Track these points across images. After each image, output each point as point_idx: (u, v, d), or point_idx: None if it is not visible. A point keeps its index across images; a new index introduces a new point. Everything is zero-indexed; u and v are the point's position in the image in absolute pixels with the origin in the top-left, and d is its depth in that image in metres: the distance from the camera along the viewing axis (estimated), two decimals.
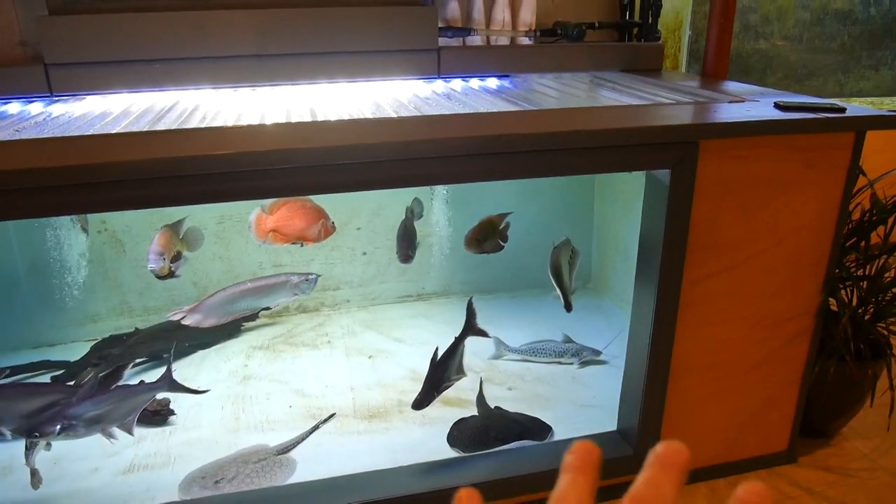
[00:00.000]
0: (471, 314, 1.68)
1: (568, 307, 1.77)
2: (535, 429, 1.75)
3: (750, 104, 1.55)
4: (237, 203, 2.17)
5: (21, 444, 1.57)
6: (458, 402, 1.86)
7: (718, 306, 1.53)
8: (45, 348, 2.23)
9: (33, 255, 2.16)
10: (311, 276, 1.72)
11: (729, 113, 1.46)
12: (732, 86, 1.84)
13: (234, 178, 1.23)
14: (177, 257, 1.64)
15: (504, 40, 2.17)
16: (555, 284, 1.76)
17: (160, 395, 1.68)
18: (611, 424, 1.71)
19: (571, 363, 2.06)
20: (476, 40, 2.18)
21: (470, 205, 2.29)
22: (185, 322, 1.60)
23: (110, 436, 1.50)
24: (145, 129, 1.44)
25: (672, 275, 1.46)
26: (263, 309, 2.00)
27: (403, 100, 1.77)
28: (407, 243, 1.82)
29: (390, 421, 1.81)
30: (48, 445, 1.52)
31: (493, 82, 2.07)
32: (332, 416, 1.83)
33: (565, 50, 2.14)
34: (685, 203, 1.41)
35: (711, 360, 1.58)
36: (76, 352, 2.15)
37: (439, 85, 2.01)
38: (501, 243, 1.83)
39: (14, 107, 1.77)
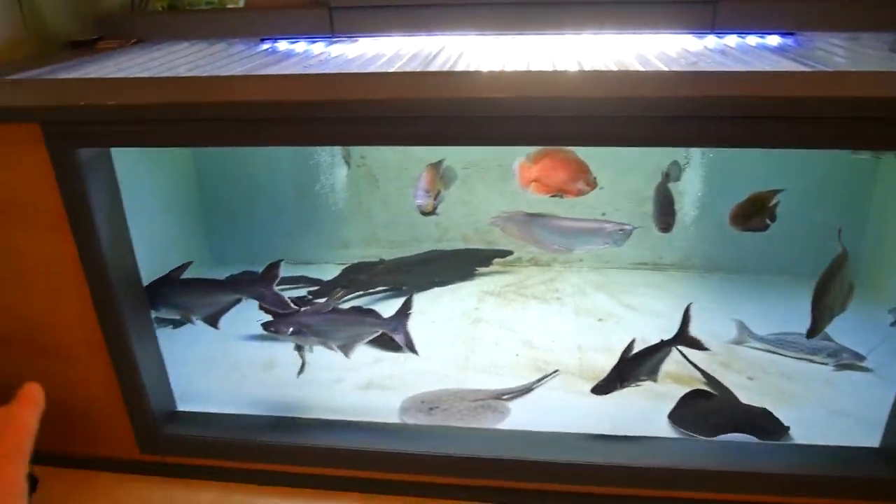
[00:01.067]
0: (685, 321, 1.57)
1: (811, 333, 1.55)
2: (769, 426, 1.59)
3: None
4: (485, 150, 2.22)
5: (282, 344, 1.79)
6: (689, 381, 1.76)
7: None
8: (302, 265, 2.49)
9: (301, 180, 2.39)
10: (626, 227, 1.64)
11: None
12: None
13: (491, 122, 1.23)
14: (437, 196, 1.72)
15: None
16: (811, 307, 1.54)
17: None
18: (869, 440, 1.50)
19: (826, 363, 1.84)
20: None
21: (727, 174, 2.11)
22: (497, 223, 1.62)
23: (330, 349, 1.61)
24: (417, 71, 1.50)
25: None
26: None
27: (672, 54, 1.65)
28: (666, 210, 1.70)
29: None
30: (311, 348, 1.68)
31: (773, 40, 1.85)
32: (555, 372, 1.83)
33: (865, 4, 1.84)
34: None
35: None
36: (327, 272, 2.38)
37: (711, 41, 1.85)
38: (768, 222, 1.66)
39: (300, 45, 1.95)
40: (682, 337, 1.58)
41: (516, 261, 2.44)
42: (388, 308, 2.10)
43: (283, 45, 1.95)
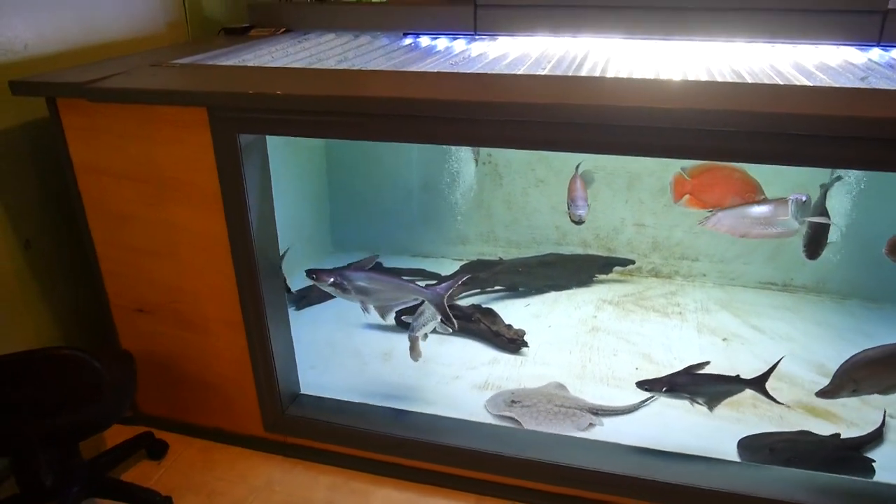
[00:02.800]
0: (770, 370, 1.49)
1: (821, 393, 1.45)
2: (849, 461, 1.52)
3: None
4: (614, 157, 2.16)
5: (400, 335, 1.80)
6: (825, 415, 1.67)
7: None
8: (420, 258, 2.52)
9: (427, 176, 2.41)
10: (801, 197, 1.50)
11: None
12: None
13: (652, 133, 1.20)
14: None
15: None
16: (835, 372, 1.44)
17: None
18: None
19: None
20: None
21: (876, 194, 1.98)
22: (710, 224, 1.48)
23: (366, 310, 1.61)
24: (569, 75, 1.48)
25: None
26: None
27: (834, 65, 1.56)
28: (818, 238, 1.55)
29: (742, 411, 1.69)
30: (425, 336, 1.68)
31: None
32: (652, 397, 1.73)
33: None
34: None
35: None
36: (444, 267, 2.39)
37: (875, 53, 1.73)
38: None
39: (442, 42, 1.96)
40: (759, 383, 1.50)
41: (636, 270, 2.38)
42: (503, 308, 2.10)
43: (424, 41, 1.96)
